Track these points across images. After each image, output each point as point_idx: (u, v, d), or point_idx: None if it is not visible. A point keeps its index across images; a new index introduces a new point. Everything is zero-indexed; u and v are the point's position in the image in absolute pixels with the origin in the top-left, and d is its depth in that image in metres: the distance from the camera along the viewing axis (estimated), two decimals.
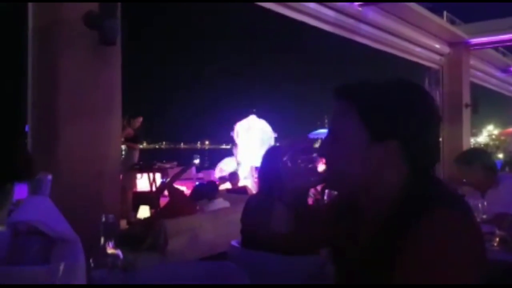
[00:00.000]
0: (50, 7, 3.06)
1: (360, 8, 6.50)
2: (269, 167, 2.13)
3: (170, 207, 4.67)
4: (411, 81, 1.09)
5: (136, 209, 6.53)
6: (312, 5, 5.92)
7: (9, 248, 0.99)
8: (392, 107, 1.02)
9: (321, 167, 1.20)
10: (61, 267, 0.95)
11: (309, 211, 1.40)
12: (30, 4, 3.14)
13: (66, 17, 2.98)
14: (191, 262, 1.85)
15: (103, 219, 1.16)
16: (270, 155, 2.18)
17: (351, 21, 6.58)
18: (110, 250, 1.17)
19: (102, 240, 1.16)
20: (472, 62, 9.59)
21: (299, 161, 1.13)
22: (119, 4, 3.08)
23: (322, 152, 1.11)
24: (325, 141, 1.10)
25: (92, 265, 1.17)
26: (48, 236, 1.00)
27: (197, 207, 4.68)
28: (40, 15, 3.12)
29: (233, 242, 2.21)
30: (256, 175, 6.49)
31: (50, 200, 1.08)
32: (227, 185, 7.81)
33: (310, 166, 1.14)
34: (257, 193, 2.27)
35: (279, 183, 1.99)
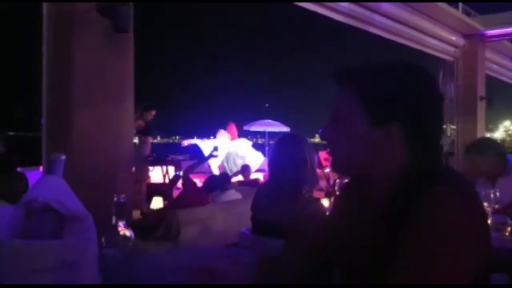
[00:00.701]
0: None
1: None
2: (279, 155, 2.14)
3: (183, 197, 4.71)
4: (411, 63, 1.06)
5: (149, 201, 6.61)
6: None
7: (23, 225, 1.02)
8: (392, 90, 1.00)
9: None
10: (73, 242, 0.97)
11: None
12: None
13: (79, 5, 3.02)
14: (202, 246, 1.87)
15: (115, 198, 1.19)
16: (281, 143, 2.19)
17: (365, 11, 6.53)
18: (121, 230, 1.19)
19: (114, 219, 1.19)
20: (488, 54, 9.45)
21: None
22: None
23: (325, 137, 1.10)
24: (327, 125, 1.09)
25: (104, 244, 1.19)
26: (61, 214, 1.02)
27: (210, 199, 4.72)
28: (54, 3, 3.17)
29: (244, 229, 2.23)
30: None
31: (63, 180, 1.10)
32: (239, 178, 7.84)
33: None
34: (267, 181, 2.28)
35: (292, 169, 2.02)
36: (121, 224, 1.19)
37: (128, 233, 1.21)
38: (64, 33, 3.10)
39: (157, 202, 6.49)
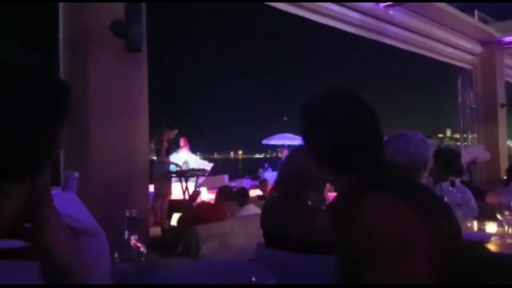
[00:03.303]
0: (79, 18, 3.24)
1: (386, 9, 6.45)
2: (285, 169, 2.11)
3: (198, 212, 4.67)
4: (334, 93, 1.19)
5: (170, 217, 6.63)
6: (336, 7, 5.91)
7: None
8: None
9: None
10: (86, 257, 0.99)
11: None
12: (60, 15, 3.34)
13: (94, 26, 3.14)
14: (216, 261, 1.88)
15: (127, 213, 1.21)
16: (290, 156, 2.17)
17: (377, 22, 6.53)
18: (134, 244, 1.22)
19: (126, 234, 1.21)
20: (508, 61, 9.34)
21: None
22: (143, 8, 3.20)
23: None
24: None
25: (117, 259, 1.21)
26: (74, 229, 1.05)
27: (228, 214, 4.69)
28: (70, 25, 3.30)
29: (259, 243, 2.22)
30: None
31: (76, 196, 1.14)
32: (258, 192, 7.84)
33: None
34: (274, 195, 2.26)
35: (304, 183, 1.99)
36: (133, 238, 1.21)
37: (141, 247, 1.23)
38: (80, 53, 3.21)
39: (176, 219, 6.51)
